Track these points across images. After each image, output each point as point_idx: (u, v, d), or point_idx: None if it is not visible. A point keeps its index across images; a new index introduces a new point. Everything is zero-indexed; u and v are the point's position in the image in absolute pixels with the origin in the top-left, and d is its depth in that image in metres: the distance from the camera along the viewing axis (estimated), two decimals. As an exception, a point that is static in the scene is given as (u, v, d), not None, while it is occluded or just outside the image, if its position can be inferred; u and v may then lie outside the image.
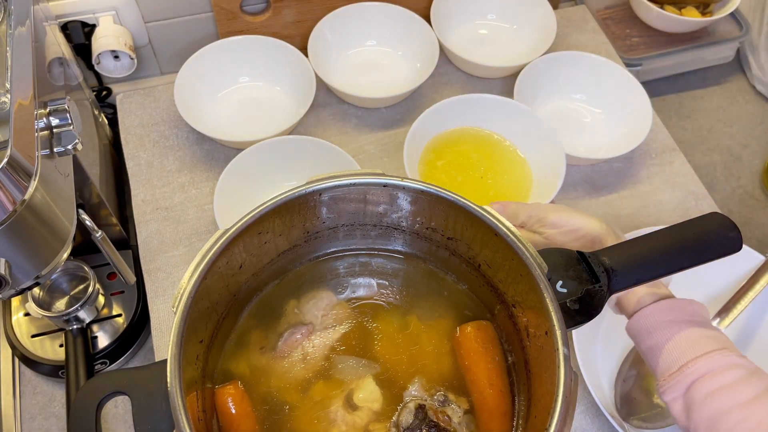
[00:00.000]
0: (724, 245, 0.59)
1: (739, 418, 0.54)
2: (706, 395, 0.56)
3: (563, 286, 0.55)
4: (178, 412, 0.46)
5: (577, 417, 0.76)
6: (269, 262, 0.63)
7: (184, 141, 0.95)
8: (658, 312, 0.60)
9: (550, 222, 0.66)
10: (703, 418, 0.55)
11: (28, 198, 0.54)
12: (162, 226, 0.87)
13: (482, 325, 0.63)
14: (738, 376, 0.56)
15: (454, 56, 1.01)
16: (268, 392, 0.60)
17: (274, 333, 0.63)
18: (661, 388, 0.59)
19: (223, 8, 0.96)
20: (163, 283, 0.83)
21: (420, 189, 0.57)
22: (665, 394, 0.59)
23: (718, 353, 0.57)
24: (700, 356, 0.57)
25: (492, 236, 0.56)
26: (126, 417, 0.82)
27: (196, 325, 0.54)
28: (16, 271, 0.56)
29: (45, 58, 0.69)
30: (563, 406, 0.47)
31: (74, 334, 0.81)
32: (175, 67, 0.97)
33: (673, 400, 0.58)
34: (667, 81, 1.19)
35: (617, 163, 0.96)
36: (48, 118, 0.59)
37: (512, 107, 0.92)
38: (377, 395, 0.60)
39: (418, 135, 0.89)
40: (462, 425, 0.59)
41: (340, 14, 0.99)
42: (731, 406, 0.54)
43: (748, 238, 1.03)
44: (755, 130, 1.15)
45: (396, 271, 0.68)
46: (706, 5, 1.12)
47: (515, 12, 1.06)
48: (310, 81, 0.93)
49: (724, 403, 0.55)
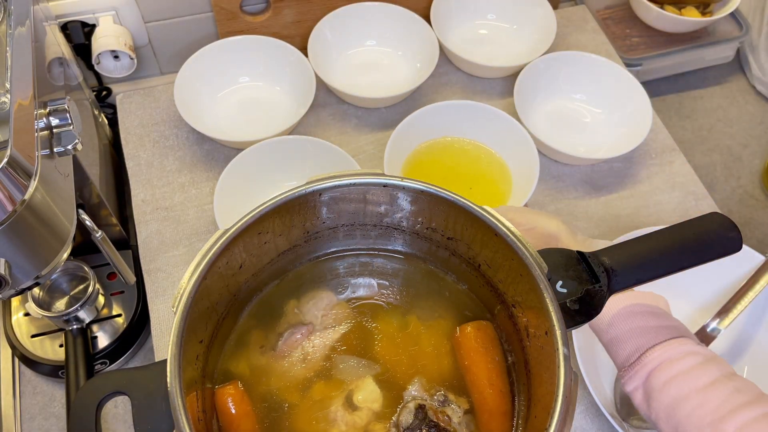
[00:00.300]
0: (724, 245, 0.59)
1: (696, 403, 0.55)
2: (664, 383, 0.57)
3: (563, 286, 0.55)
4: (178, 412, 0.46)
5: (577, 417, 0.76)
6: (269, 262, 0.63)
7: (184, 141, 0.95)
8: (616, 304, 0.61)
9: (511, 221, 0.69)
10: (663, 405, 0.57)
11: (28, 198, 0.54)
12: (162, 226, 0.87)
13: (482, 325, 0.63)
14: (695, 363, 0.57)
15: (454, 56, 1.01)
16: (268, 392, 0.60)
17: (274, 333, 0.63)
18: (623, 378, 0.60)
19: (223, 8, 0.96)
20: (163, 283, 0.83)
21: (420, 189, 0.57)
22: (626, 384, 0.60)
23: (674, 341, 0.59)
24: (657, 345, 0.59)
25: (492, 236, 0.56)
26: (126, 417, 0.82)
27: (196, 325, 0.54)
28: (16, 271, 0.56)
29: (45, 58, 0.69)
30: (563, 406, 0.47)
31: (74, 334, 0.81)
32: (175, 67, 0.97)
33: (634, 389, 0.60)
34: (667, 81, 1.19)
35: (617, 163, 0.96)
36: (48, 118, 0.59)
37: (485, 111, 0.92)
38: (377, 395, 0.60)
39: (395, 152, 0.89)
40: (462, 425, 0.59)
41: (340, 14, 1.00)
42: (689, 392, 0.55)
43: (748, 238, 1.03)
44: (755, 130, 1.15)
45: (396, 271, 0.68)
46: (706, 5, 1.12)
47: (515, 12, 1.06)
48: (310, 81, 0.93)
49: (682, 389, 0.56)
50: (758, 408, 0.53)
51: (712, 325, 0.78)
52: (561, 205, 0.92)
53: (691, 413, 0.54)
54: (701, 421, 0.54)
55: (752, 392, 0.55)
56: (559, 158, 0.94)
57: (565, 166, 0.95)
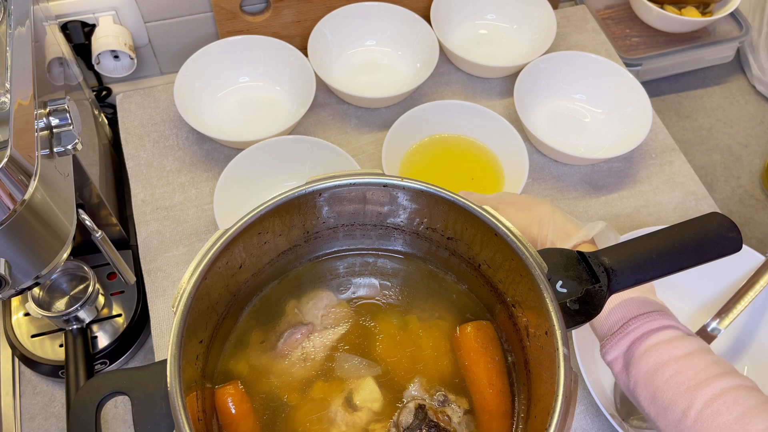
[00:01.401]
0: (724, 245, 0.59)
1: (673, 370, 0.56)
2: (644, 351, 0.58)
3: (563, 286, 0.55)
4: (178, 412, 0.46)
5: (577, 417, 0.76)
6: (269, 262, 0.63)
7: (184, 141, 0.95)
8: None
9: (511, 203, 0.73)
10: (642, 372, 0.58)
11: (28, 198, 0.54)
12: (162, 226, 0.87)
13: (482, 325, 0.63)
14: (676, 334, 0.59)
15: (454, 56, 1.01)
16: (268, 392, 0.60)
17: (274, 333, 0.63)
18: (604, 348, 0.62)
19: (223, 8, 0.96)
20: (163, 283, 0.83)
21: (420, 189, 0.57)
22: (607, 354, 0.61)
23: (657, 314, 0.60)
24: (641, 315, 0.60)
25: (492, 236, 0.56)
26: (126, 417, 0.82)
27: (196, 325, 0.54)
28: (16, 271, 0.56)
29: (45, 58, 0.69)
30: (563, 406, 0.47)
31: (74, 334, 0.81)
32: (175, 67, 0.97)
33: (614, 359, 0.61)
34: (667, 81, 1.19)
35: (617, 163, 0.96)
36: (48, 118, 0.59)
37: (474, 110, 0.92)
38: (377, 395, 0.60)
39: (392, 151, 0.89)
40: (462, 425, 0.59)
41: (340, 14, 1.00)
42: (668, 360, 0.57)
43: (748, 238, 1.03)
44: (755, 130, 1.15)
45: (396, 271, 0.68)
46: (706, 5, 1.12)
47: (515, 12, 1.06)
48: (310, 81, 0.93)
49: (661, 357, 0.57)
50: (734, 379, 0.55)
51: (712, 325, 0.78)
52: (561, 204, 0.92)
53: (668, 380, 0.56)
54: (678, 387, 0.55)
55: (729, 366, 0.57)
56: (559, 158, 0.94)
57: (565, 166, 0.95)
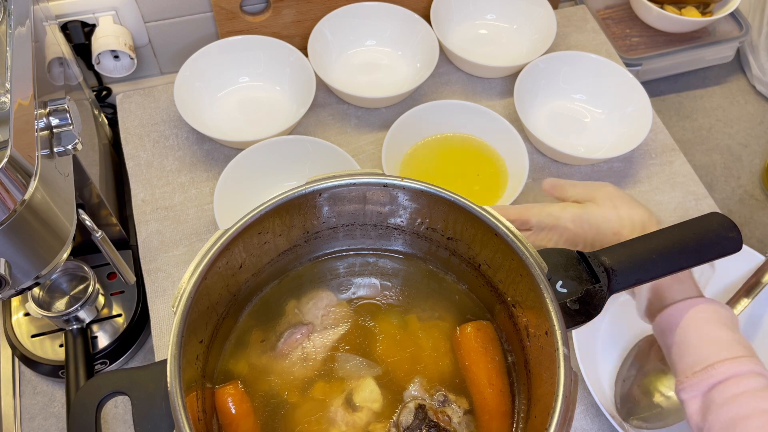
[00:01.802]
0: (724, 245, 0.59)
1: (758, 424, 0.53)
2: (727, 399, 0.56)
3: (563, 286, 0.55)
4: (178, 412, 0.46)
5: (577, 417, 0.76)
6: (269, 262, 0.63)
7: (184, 141, 0.95)
8: (692, 309, 0.60)
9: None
10: (721, 420, 0.55)
11: (28, 198, 0.54)
12: (162, 226, 0.87)
13: (482, 325, 0.63)
14: (763, 384, 0.56)
15: (454, 56, 1.01)
16: (268, 392, 0.60)
17: (274, 333, 0.63)
18: (681, 384, 0.59)
19: (223, 8, 0.96)
20: (163, 283, 0.83)
21: (420, 189, 0.57)
22: (684, 391, 0.59)
23: (746, 359, 0.57)
24: (727, 359, 0.57)
25: (492, 236, 0.56)
26: (126, 417, 0.82)
27: (196, 325, 0.54)
28: (16, 271, 0.56)
29: (45, 58, 0.69)
30: (563, 406, 0.47)
31: (74, 334, 0.81)
32: (175, 67, 0.97)
33: (691, 398, 0.58)
34: (667, 81, 1.19)
35: (617, 163, 0.96)
36: (48, 118, 0.59)
37: (474, 110, 0.92)
38: (377, 395, 0.60)
39: (392, 150, 0.89)
40: (462, 425, 0.59)
41: (340, 14, 0.99)
42: (752, 412, 0.54)
43: (748, 238, 1.03)
44: (755, 130, 1.15)
45: (396, 271, 0.68)
46: (706, 5, 1.12)
47: (515, 12, 1.06)
48: (310, 81, 0.93)
49: (745, 408, 0.55)
50: None
51: (712, 325, 0.77)
52: (561, 205, 0.92)
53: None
54: None
55: None
56: (559, 158, 0.94)
57: (565, 166, 0.95)
